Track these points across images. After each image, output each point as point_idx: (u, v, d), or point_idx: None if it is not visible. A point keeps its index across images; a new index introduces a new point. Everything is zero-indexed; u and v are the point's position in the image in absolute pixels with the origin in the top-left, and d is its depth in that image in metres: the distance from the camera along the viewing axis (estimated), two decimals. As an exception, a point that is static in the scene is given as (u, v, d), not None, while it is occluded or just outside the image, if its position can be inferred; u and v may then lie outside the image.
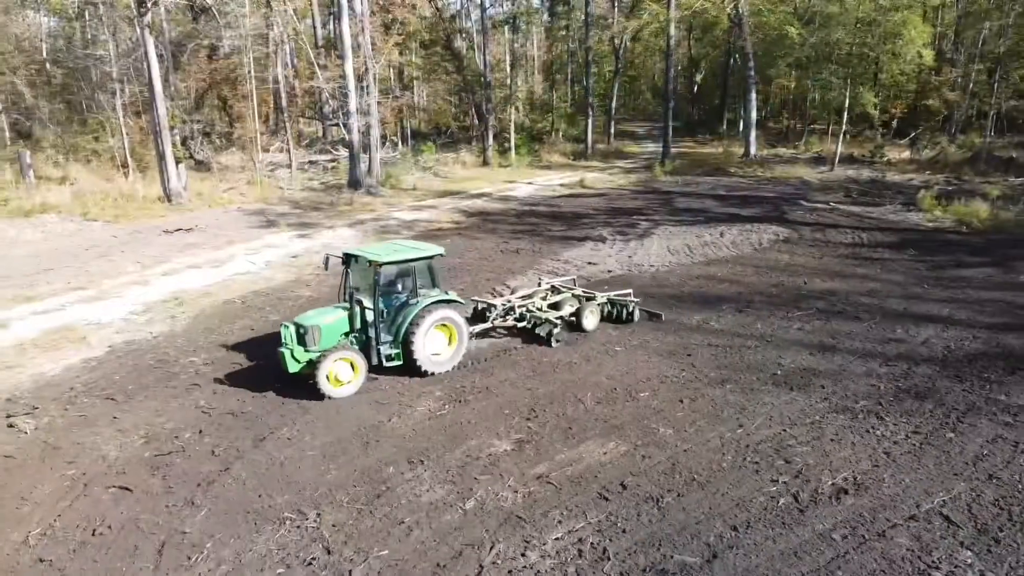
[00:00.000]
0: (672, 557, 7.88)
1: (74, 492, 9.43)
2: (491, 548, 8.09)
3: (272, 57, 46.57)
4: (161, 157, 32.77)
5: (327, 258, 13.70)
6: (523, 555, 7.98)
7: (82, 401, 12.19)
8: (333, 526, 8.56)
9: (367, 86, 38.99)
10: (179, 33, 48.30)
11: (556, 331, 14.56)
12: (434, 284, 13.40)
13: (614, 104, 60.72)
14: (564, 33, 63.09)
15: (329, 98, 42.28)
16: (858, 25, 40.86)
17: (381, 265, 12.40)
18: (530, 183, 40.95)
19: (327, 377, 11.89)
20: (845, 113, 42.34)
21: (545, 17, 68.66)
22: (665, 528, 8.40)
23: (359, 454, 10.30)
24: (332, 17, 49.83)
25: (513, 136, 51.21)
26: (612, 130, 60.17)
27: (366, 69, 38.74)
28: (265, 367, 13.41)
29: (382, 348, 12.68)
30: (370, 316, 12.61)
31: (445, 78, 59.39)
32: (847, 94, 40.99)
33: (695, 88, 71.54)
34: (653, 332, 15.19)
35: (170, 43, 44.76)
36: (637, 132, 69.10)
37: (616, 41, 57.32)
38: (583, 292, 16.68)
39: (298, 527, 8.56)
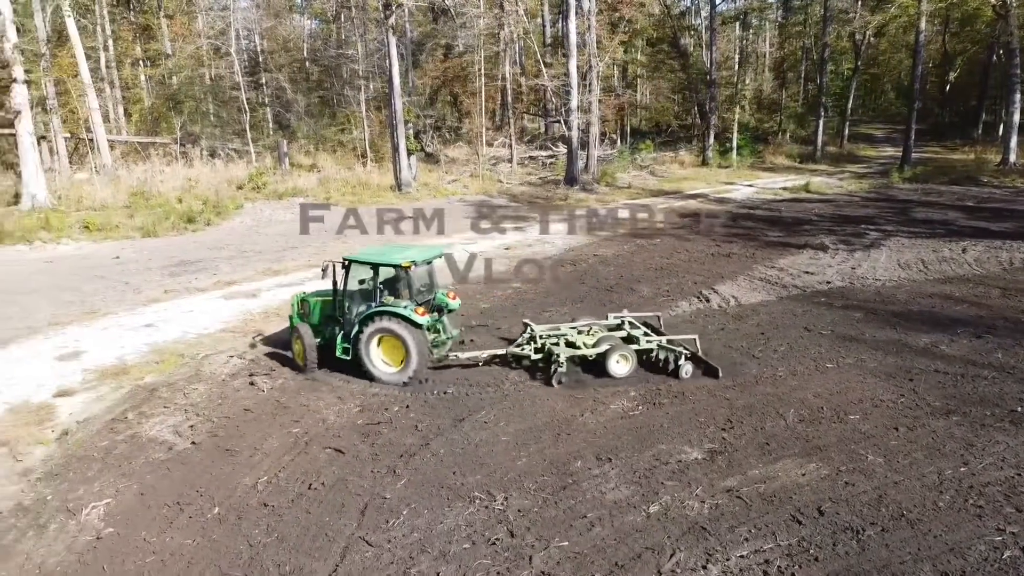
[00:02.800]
0: (868, 595, 7.33)
1: (296, 448, 10.50)
2: (671, 556, 7.97)
3: (501, 55, 48.48)
4: (395, 149, 35.35)
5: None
6: (704, 568, 7.78)
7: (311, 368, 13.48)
8: (518, 511, 8.84)
9: (590, 83, 39.48)
10: (419, 33, 51.70)
11: (560, 371, 12.68)
12: (410, 296, 12.81)
13: (850, 104, 56.62)
14: (800, 29, 59.81)
15: (552, 95, 43.27)
16: None
17: (348, 263, 13.08)
18: (750, 185, 39.39)
19: (295, 348, 13.40)
20: None
21: (779, 12, 65.44)
22: (863, 563, 7.80)
23: (549, 445, 10.53)
24: (561, 16, 50.86)
25: (735, 136, 49.50)
26: (846, 132, 56.23)
27: (590, 67, 39.25)
28: (468, 351, 14.07)
29: (338, 340, 13.14)
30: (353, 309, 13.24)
31: (669, 76, 58.68)
32: None
33: (947, 88, 64.87)
34: (871, 352, 14.07)
35: (411, 43, 48.06)
36: (875, 135, 64.10)
37: (857, 37, 53.46)
38: (644, 333, 13.89)
39: (486, 507, 8.93)
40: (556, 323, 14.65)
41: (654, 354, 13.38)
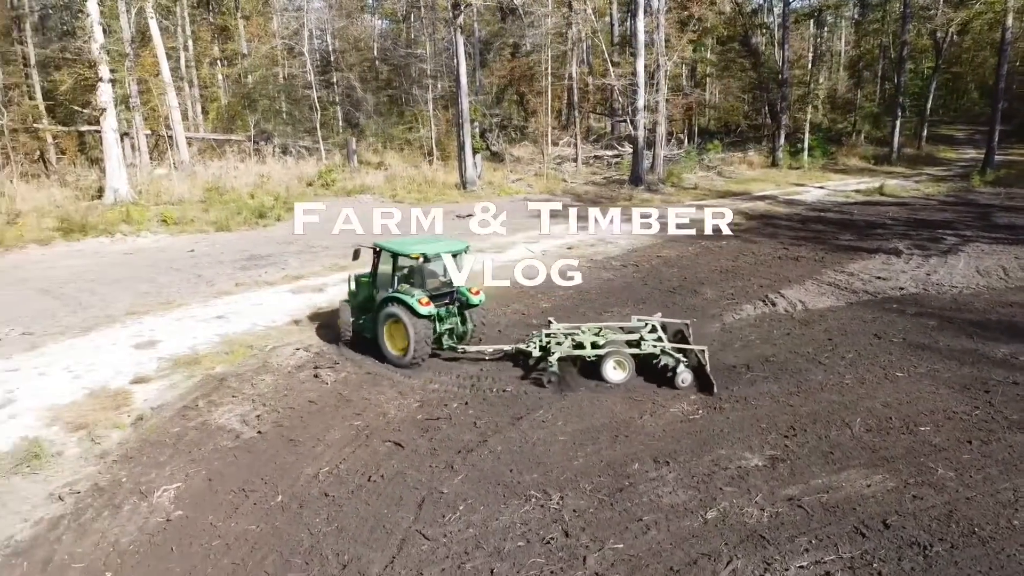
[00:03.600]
0: (934, 612, 7.08)
1: (358, 441, 10.72)
2: (728, 563, 7.85)
3: (568, 54, 48.37)
4: (461, 147, 35.66)
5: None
6: (762, 576, 7.65)
7: (372, 364, 13.73)
8: (574, 511, 8.84)
9: (657, 83, 39.06)
10: (487, 33, 51.99)
11: (551, 369, 12.66)
12: (422, 285, 13.61)
13: (930, 104, 54.53)
14: (877, 27, 57.88)
15: (619, 95, 42.97)
16: None
17: (378, 249, 14.07)
18: (821, 187, 38.42)
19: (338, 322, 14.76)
20: None
21: (855, 10, 63.41)
22: (930, 580, 7.56)
23: (607, 446, 10.49)
24: (629, 15, 50.44)
25: (807, 136, 48.27)
26: (924, 133, 54.18)
27: (658, 66, 38.82)
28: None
29: (365, 320, 14.28)
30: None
31: (739, 75, 57.59)
32: None
33: (1036, 87, 61.89)
34: (945, 361, 13.56)
35: (479, 42, 48.38)
36: (955, 136, 61.63)
37: (939, 34, 51.49)
38: (658, 339, 13.38)
39: (541, 506, 8.96)
40: (586, 324, 14.41)
41: (656, 360, 12.85)
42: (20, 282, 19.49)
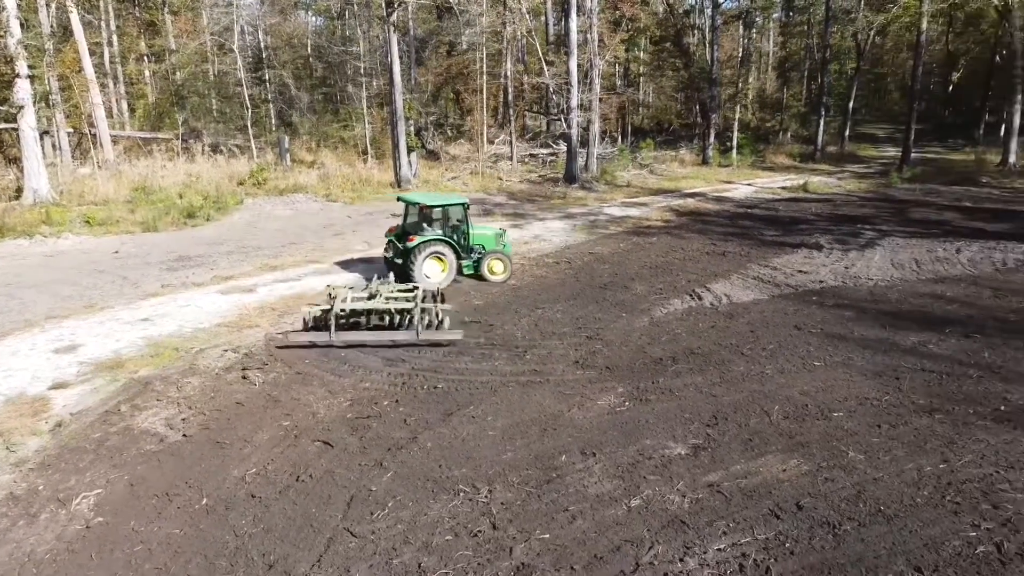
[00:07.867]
0: (841, 588, 7.44)
1: (286, 441, 10.65)
2: (650, 548, 8.10)
3: (504, 53, 48.57)
4: (395, 146, 35.50)
5: None
6: (681, 560, 7.91)
7: (303, 363, 13.64)
8: (502, 504, 8.97)
9: (591, 82, 39.56)
10: (423, 31, 51.80)
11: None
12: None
13: (851, 104, 56.52)
14: (803, 28, 59.73)
15: (553, 93, 43.34)
16: None
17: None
18: (749, 184, 39.46)
19: None
20: None
21: (782, 12, 65.32)
22: (838, 557, 7.92)
23: (536, 439, 10.66)
24: (564, 14, 50.89)
25: (736, 135, 49.51)
26: (847, 132, 56.15)
27: (591, 65, 39.32)
28: (463, 348, 14.30)
29: None
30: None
31: (672, 75, 58.68)
32: None
33: (950, 88, 64.70)
34: (860, 351, 14.16)
35: (415, 40, 48.17)
36: (877, 135, 64.03)
37: (860, 37, 53.41)
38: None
39: (470, 500, 9.07)
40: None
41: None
42: (-69, 287, 18.71)
